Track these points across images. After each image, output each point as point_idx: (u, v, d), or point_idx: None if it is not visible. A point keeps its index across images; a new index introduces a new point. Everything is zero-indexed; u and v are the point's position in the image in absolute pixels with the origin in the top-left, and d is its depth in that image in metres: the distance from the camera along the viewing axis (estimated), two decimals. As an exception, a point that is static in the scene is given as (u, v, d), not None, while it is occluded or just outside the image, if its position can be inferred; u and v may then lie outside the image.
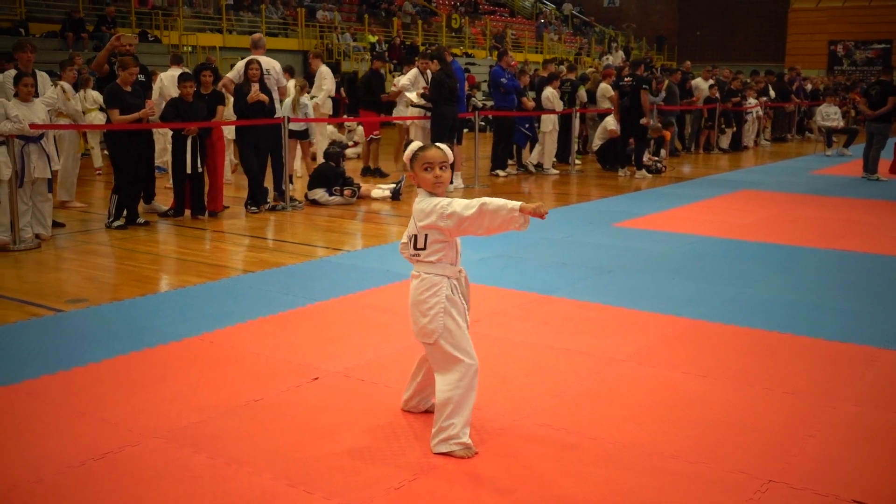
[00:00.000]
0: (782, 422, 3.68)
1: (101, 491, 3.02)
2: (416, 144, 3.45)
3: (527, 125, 13.14)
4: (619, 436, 3.51)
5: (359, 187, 10.27)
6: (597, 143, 14.30)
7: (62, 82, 8.98)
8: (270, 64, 9.88)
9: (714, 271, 6.51)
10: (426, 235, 3.35)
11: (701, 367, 4.34)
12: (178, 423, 3.61)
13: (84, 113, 10.56)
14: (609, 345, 4.69)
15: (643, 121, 12.81)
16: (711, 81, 17.14)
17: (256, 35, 10.40)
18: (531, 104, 12.88)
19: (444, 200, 3.34)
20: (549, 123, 13.11)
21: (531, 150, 13.67)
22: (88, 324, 5.09)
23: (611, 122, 13.82)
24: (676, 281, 6.19)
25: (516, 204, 3.21)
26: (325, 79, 12.95)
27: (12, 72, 8.11)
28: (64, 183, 9.45)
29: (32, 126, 7.31)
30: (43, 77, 8.49)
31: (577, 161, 14.21)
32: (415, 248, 3.39)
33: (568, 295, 5.72)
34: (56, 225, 8.09)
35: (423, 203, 3.37)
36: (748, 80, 18.99)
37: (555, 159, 13.56)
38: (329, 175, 9.93)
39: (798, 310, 5.45)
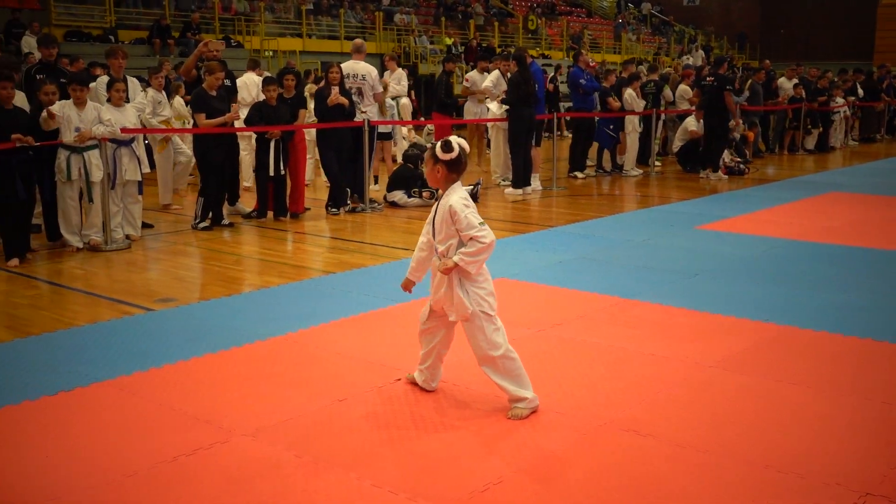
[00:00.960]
0: (879, 432, 3.55)
1: (193, 486, 3.09)
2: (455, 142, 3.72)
3: (611, 126, 12.99)
4: (709, 443, 3.44)
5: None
6: (677, 144, 14.06)
7: (151, 90, 9.23)
8: (367, 69, 9.98)
9: (802, 276, 6.33)
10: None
11: (792, 375, 4.22)
12: (265, 421, 3.67)
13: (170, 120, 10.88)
14: (696, 350, 4.59)
15: (732, 123, 12.56)
16: (796, 80, 16.69)
17: (358, 41, 10.52)
18: (617, 104, 12.73)
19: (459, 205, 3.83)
20: (630, 125, 12.94)
21: (612, 152, 13.53)
22: (177, 322, 5.22)
23: (691, 123, 13.57)
24: (763, 285, 6.03)
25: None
26: (402, 80, 13.02)
27: (105, 78, 8.38)
28: (163, 185, 9.76)
29: (124, 130, 7.54)
30: (133, 83, 8.75)
31: (656, 162, 14.00)
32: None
33: (652, 299, 5.63)
34: (145, 226, 8.33)
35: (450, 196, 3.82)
36: (835, 79, 18.43)
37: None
38: (408, 177, 9.99)
39: (892, 316, 5.25)
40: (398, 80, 12.77)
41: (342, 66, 9.68)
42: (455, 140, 3.70)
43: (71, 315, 5.43)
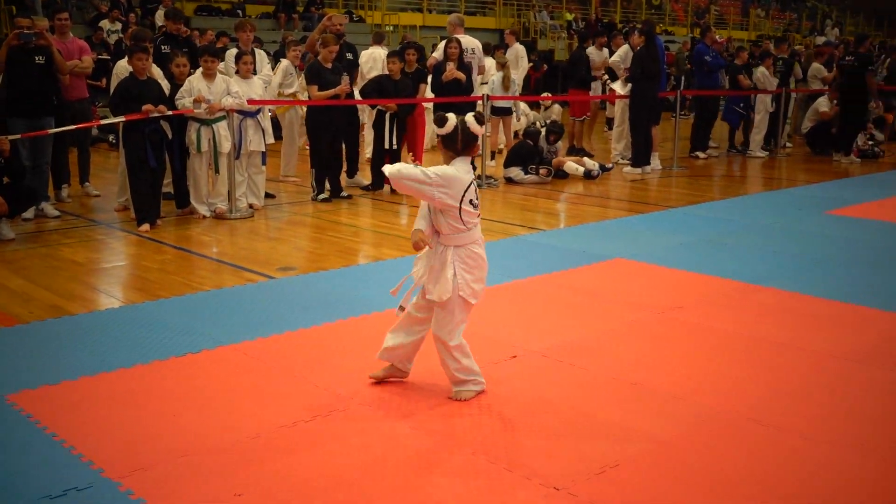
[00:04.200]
0: None
1: (313, 451, 3.15)
2: (454, 119, 3.54)
3: (741, 104, 12.53)
4: (838, 437, 3.28)
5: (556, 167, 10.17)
6: (807, 125, 13.47)
7: (285, 60, 9.43)
8: (474, 43, 9.98)
9: (943, 266, 5.97)
10: None
11: (930, 371, 3.99)
12: (382, 392, 3.71)
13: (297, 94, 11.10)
14: (824, 340, 4.39)
15: (873, 105, 11.95)
16: (941, 59, 15.68)
17: (454, 15, 10.53)
18: (747, 82, 12.28)
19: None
20: (762, 104, 12.45)
21: (743, 131, 13.07)
22: (298, 291, 5.34)
23: (823, 104, 12.96)
24: (899, 275, 5.72)
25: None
26: (522, 58, 12.86)
27: (234, 50, 8.61)
28: (287, 158, 9.98)
29: (250, 101, 7.73)
30: (261, 55, 8.96)
31: (787, 144, 13.46)
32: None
33: (779, 285, 5.41)
34: (267, 196, 8.54)
35: None
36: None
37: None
38: (526, 153, 9.91)
39: None
40: (516, 56, 12.62)
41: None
42: (452, 116, 3.55)
43: (198, 280, 5.63)
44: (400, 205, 8.54)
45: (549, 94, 14.98)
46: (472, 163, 3.68)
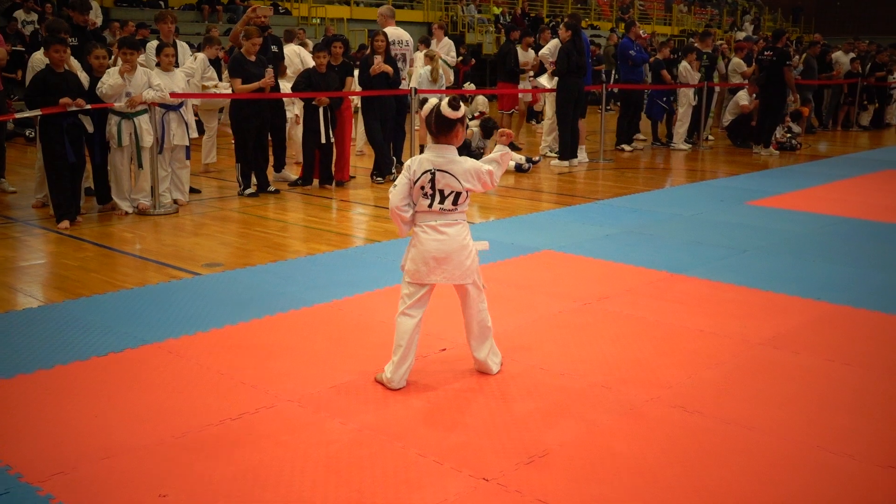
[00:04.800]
0: (937, 416, 3.46)
1: (239, 449, 3.10)
2: (434, 101, 3.57)
3: (664, 98, 12.77)
4: (758, 421, 3.37)
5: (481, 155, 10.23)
6: (727, 118, 13.81)
7: (201, 54, 9.26)
8: (405, 35, 9.96)
9: (856, 254, 6.18)
10: (467, 192, 3.62)
11: (845, 355, 4.12)
12: (311, 388, 3.68)
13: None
14: (745, 327, 4.51)
15: (790, 99, 12.31)
16: (853, 55, 16.26)
17: (385, 7, 10.46)
18: (669, 77, 12.52)
19: (477, 163, 3.61)
20: (685, 98, 12.71)
21: (667, 124, 13.31)
22: (224, 288, 5.26)
23: (742, 97, 13.31)
24: (816, 263, 5.90)
25: (498, 153, 3.70)
26: (451, 51, 12.89)
27: (155, 42, 8.41)
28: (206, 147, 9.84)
29: (173, 95, 7.57)
30: (183, 47, 8.78)
31: (710, 137, 13.77)
32: (455, 203, 3.61)
33: (701, 274, 5.54)
34: (192, 191, 8.38)
35: (465, 163, 3.58)
36: None
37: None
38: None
39: (952, 298, 5.11)
40: (446, 49, 12.64)
41: (386, 31, 9.62)
42: (433, 99, 3.65)
43: (120, 278, 5.50)
44: (329, 199, 8.48)
45: (473, 85, 15.05)
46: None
